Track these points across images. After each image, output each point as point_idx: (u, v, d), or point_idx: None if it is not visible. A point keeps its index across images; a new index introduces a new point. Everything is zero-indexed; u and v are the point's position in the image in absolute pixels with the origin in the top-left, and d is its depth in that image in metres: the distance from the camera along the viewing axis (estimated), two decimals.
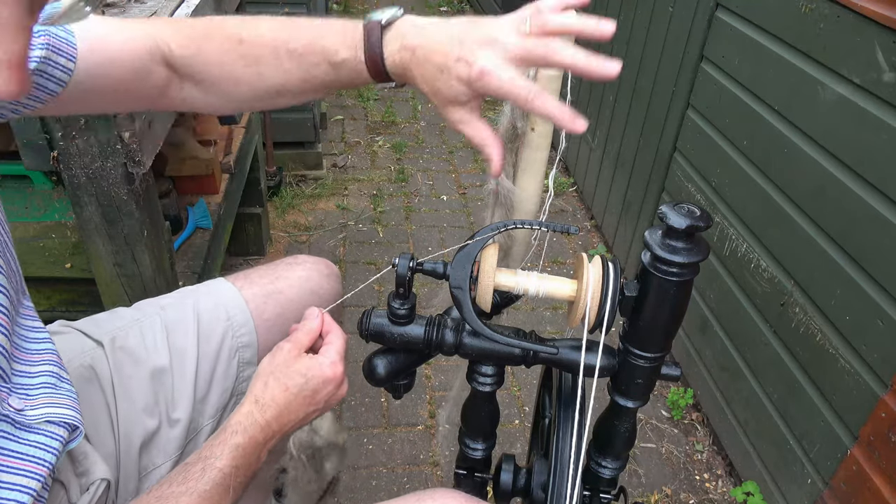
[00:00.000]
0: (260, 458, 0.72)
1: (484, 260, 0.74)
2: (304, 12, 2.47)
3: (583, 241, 2.71)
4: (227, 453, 0.68)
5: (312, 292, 1.04)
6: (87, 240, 1.10)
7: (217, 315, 0.95)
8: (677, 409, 1.96)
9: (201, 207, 1.53)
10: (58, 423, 0.63)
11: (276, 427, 0.72)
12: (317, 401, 0.75)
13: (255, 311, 0.98)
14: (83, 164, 1.00)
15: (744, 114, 1.65)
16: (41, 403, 0.61)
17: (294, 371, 0.74)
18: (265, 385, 0.73)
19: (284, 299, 1.01)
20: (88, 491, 0.74)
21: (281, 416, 0.72)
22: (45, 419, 0.61)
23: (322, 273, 1.07)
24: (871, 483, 1.26)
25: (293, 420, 0.74)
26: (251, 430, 0.70)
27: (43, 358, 0.64)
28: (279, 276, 1.03)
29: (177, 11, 1.16)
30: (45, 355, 0.65)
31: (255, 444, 0.70)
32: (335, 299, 1.06)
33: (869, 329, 1.27)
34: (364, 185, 2.96)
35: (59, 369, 0.65)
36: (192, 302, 0.95)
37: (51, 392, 0.63)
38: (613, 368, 0.79)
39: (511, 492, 0.96)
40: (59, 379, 0.64)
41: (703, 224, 0.68)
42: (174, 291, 0.99)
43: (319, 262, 1.08)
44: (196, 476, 0.67)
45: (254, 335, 0.97)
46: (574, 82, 0.77)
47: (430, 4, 5.44)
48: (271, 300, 1.00)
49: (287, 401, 0.73)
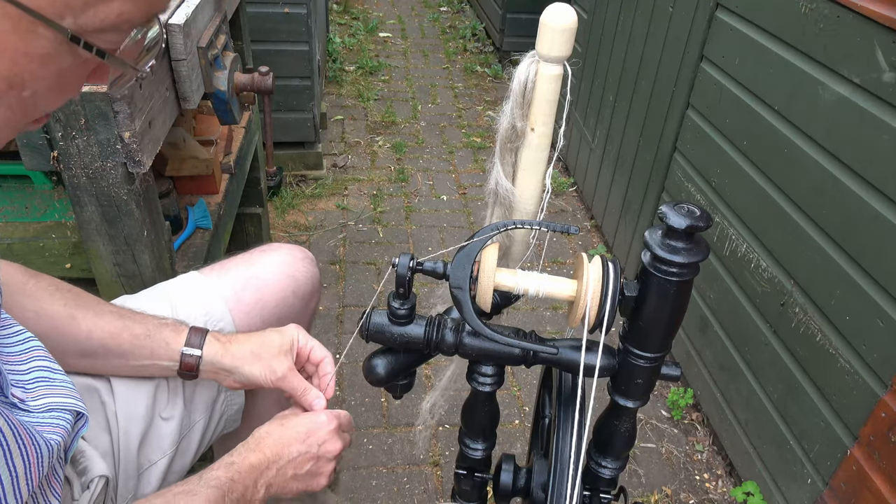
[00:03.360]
0: (257, 485, 0.75)
1: (484, 260, 0.74)
2: (304, 12, 2.47)
3: (583, 241, 2.71)
4: (222, 466, 0.73)
5: (289, 276, 1.05)
6: (87, 240, 1.09)
7: (195, 311, 0.95)
8: (677, 409, 1.96)
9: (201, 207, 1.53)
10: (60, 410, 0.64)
11: (269, 454, 0.77)
12: (309, 443, 0.80)
13: (233, 298, 0.98)
14: (83, 164, 1.00)
15: (744, 114, 1.65)
16: (40, 395, 0.63)
17: (293, 416, 0.84)
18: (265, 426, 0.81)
19: (262, 283, 1.01)
20: (89, 489, 0.75)
21: (274, 446, 0.78)
22: (48, 408, 0.62)
23: (297, 257, 1.08)
24: (871, 483, 1.26)
25: (286, 455, 0.78)
26: (245, 453, 0.76)
27: (31, 356, 0.65)
28: (254, 263, 1.04)
29: (177, 12, 1.16)
30: (32, 353, 0.66)
31: (249, 466, 0.74)
32: (312, 282, 1.09)
33: (869, 329, 1.26)
34: (364, 185, 2.96)
35: (50, 363, 0.66)
36: (168, 300, 0.95)
37: (47, 384, 0.64)
38: (613, 368, 0.79)
39: (511, 492, 0.96)
40: (52, 371, 0.65)
41: (703, 224, 0.68)
42: (147, 290, 1.00)
43: (293, 247, 1.10)
44: (194, 481, 0.71)
45: (232, 327, 0.97)
46: (574, 82, 0.77)
47: (430, 4, 5.44)
48: (249, 285, 1.00)
49: (281, 433, 0.79)
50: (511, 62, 4.18)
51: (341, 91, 3.79)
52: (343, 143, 3.27)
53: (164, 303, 0.94)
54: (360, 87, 3.83)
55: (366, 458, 1.75)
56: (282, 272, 1.04)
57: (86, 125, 0.97)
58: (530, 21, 4.02)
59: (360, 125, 3.46)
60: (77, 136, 0.97)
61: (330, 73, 3.89)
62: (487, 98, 3.89)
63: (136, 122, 0.99)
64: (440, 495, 1.68)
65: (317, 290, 1.11)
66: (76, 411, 0.65)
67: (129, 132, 0.98)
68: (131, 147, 1.00)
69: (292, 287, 1.04)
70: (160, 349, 0.84)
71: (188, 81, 1.18)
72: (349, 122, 3.48)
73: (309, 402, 0.86)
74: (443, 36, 4.78)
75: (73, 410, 0.64)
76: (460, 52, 4.50)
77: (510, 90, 0.79)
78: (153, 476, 0.88)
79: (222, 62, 1.34)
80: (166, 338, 0.84)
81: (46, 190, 1.32)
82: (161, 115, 1.12)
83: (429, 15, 5.18)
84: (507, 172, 0.85)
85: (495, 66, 4.23)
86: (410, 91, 3.89)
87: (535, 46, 0.74)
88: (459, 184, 3.03)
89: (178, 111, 1.21)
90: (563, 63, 0.75)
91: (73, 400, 0.65)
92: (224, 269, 1.02)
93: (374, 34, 4.69)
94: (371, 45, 4.50)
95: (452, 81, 4.06)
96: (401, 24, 4.97)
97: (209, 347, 0.85)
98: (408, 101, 3.76)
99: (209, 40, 1.26)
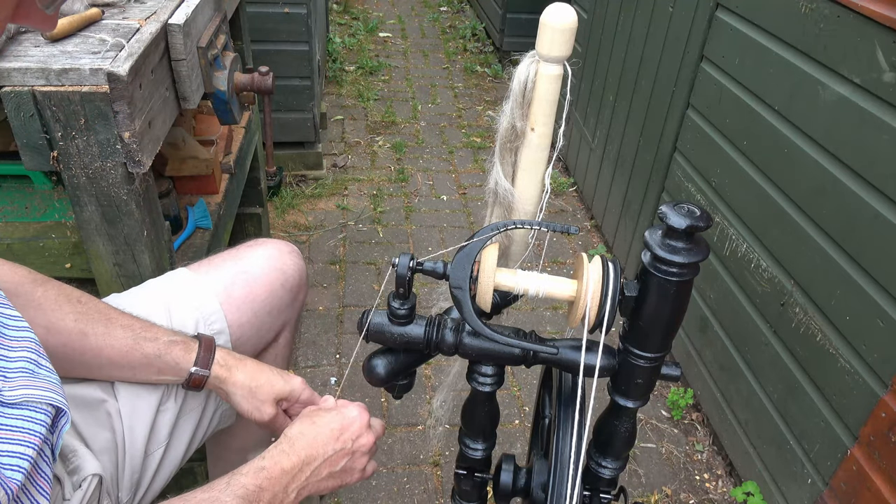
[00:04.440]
0: (287, 490, 0.74)
1: (484, 260, 0.74)
2: (304, 12, 2.47)
3: (583, 241, 2.71)
4: (251, 472, 0.72)
5: (277, 269, 1.05)
6: (87, 240, 1.09)
7: (188, 309, 0.95)
8: (677, 409, 1.96)
9: (201, 207, 1.53)
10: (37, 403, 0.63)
11: (303, 456, 0.76)
12: (344, 439, 0.79)
13: (224, 293, 0.99)
14: (83, 164, 1.00)
15: (744, 114, 1.65)
16: (20, 385, 0.62)
17: (322, 411, 0.81)
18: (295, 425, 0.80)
19: (251, 278, 1.02)
20: (81, 488, 0.75)
21: (308, 448, 0.77)
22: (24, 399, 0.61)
23: (283, 251, 1.08)
24: (871, 483, 1.26)
25: (321, 455, 0.77)
26: (277, 457, 0.75)
27: (22, 345, 0.65)
28: (242, 258, 1.04)
29: (177, 12, 1.16)
30: (23, 342, 0.65)
31: (280, 471, 0.73)
32: (300, 275, 1.09)
33: (869, 329, 1.26)
34: (364, 185, 2.96)
35: (38, 357, 0.65)
36: (162, 300, 0.95)
37: (28, 376, 0.63)
38: (613, 368, 0.79)
39: (511, 492, 0.96)
40: (38, 365, 0.65)
41: (703, 224, 0.68)
42: (138, 287, 1.00)
43: (279, 242, 1.10)
44: (220, 487, 0.70)
45: (224, 322, 0.97)
46: (574, 82, 0.77)
47: (430, 4, 5.44)
48: (238, 280, 1.01)
49: (314, 433, 0.78)
50: (511, 62, 4.18)
51: (341, 91, 3.79)
52: (343, 143, 3.27)
53: (157, 302, 0.94)
54: (360, 87, 3.83)
55: None
56: (270, 266, 1.04)
57: (85, 125, 0.97)
58: (530, 21, 4.02)
59: (360, 125, 3.46)
60: (77, 136, 0.97)
61: (330, 73, 3.89)
62: (487, 98, 3.89)
63: (135, 122, 0.99)
64: (440, 495, 1.68)
65: (304, 283, 1.12)
66: (56, 407, 0.64)
67: (129, 132, 0.98)
68: (131, 147, 1.00)
69: (281, 280, 1.05)
70: (169, 368, 0.85)
71: (188, 81, 1.18)
72: (349, 122, 3.48)
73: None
74: (443, 36, 4.78)
75: (52, 405, 0.63)
76: (460, 52, 4.50)
77: (510, 90, 0.79)
78: (150, 466, 0.89)
79: (222, 62, 1.34)
80: (176, 357, 0.85)
81: (46, 190, 1.32)
82: (161, 115, 1.12)
83: (429, 15, 5.18)
84: (506, 172, 0.85)
85: (495, 66, 4.23)
86: (410, 91, 3.89)
87: (535, 46, 0.74)
88: (459, 184, 3.03)
89: (178, 111, 1.21)
90: (563, 63, 0.75)
91: (52, 394, 0.64)
92: (213, 266, 1.03)
93: (374, 34, 4.69)
94: (371, 45, 4.50)
95: (452, 81, 4.06)
96: (401, 24, 4.97)
97: (216, 369, 0.86)
98: (408, 101, 3.76)
99: (209, 40, 1.26)
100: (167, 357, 0.84)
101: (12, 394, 0.61)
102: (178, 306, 0.95)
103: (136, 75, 0.97)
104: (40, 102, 0.95)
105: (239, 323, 0.99)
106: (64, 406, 0.65)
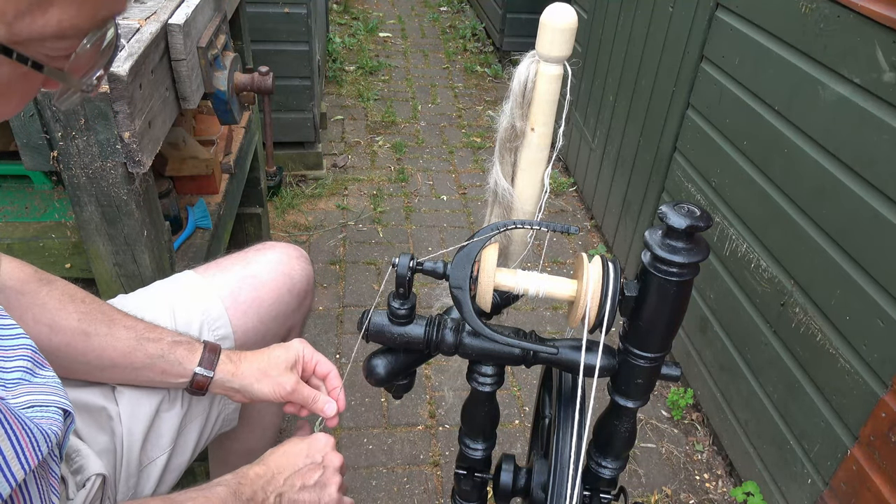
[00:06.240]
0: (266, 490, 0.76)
1: (484, 260, 0.74)
2: (304, 12, 2.47)
3: (583, 241, 2.71)
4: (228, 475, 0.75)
5: (285, 274, 1.05)
6: (87, 240, 1.09)
7: (193, 312, 0.95)
8: (677, 409, 1.96)
9: (201, 207, 1.53)
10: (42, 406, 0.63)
11: (272, 465, 0.78)
12: (312, 454, 0.81)
13: (230, 297, 0.99)
14: (83, 164, 1.00)
15: (744, 114, 1.65)
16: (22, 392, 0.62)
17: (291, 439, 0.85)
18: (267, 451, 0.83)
19: (258, 282, 1.02)
20: (85, 487, 0.75)
21: (278, 460, 0.80)
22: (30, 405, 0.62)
23: (292, 256, 1.08)
24: (871, 483, 1.26)
25: (291, 466, 0.79)
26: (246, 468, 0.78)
27: (17, 353, 0.65)
28: (250, 262, 1.04)
29: (177, 12, 1.16)
30: (19, 350, 0.65)
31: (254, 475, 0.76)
32: (307, 280, 1.09)
33: (869, 329, 1.26)
34: (364, 185, 2.96)
35: (34, 364, 0.65)
36: (167, 302, 0.95)
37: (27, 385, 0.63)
38: (613, 368, 0.79)
39: (511, 492, 0.96)
40: (33, 374, 0.65)
41: (703, 224, 0.68)
42: (144, 289, 1.00)
43: (288, 246, 1.10)
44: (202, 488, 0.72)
45: (229, 327, 0.97)
46: (574, 82, 0.77)
47: (430, 4, 5.44)
48: (246, 284, 1.01)
49: (283, 451, 0.81)
50: (511, 62, 4.19)
51: (341, 91, 3.79)
52: (343, 143, 3.27)
53: (162, 305, 0.94)
54: (360, 87, 3.83)
55: (366, 458, 1.75)
56: (278, 271, 1.04)
57: (86, 125, 0.97)
58: (530, 21, 4.02)
59: (360, 125, 3.46)
60: (77, 136, 0.97)
61: (330, 73, 3.89)
62: (487, 98, 3.89)
63: (135, 122, 0.99)
64: (440, 495, 1.68)
65: (311, 288, 1.11)
66: (63, 409, 0.64)
67: (129, 132, 0.98)
68: (131, 147, 1.00)
69: (288, 285, 1.04)
70: (172, 368, 0.85)
71: (188, 81, 1.18)
72: (349, 122, 3.48)
73: (321, 409, 0.88)
74: (443, 36, 4.78)
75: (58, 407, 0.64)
76: (460, 52, 4.50)
77: (510, 90, 0.79)
78: (153, 473, 0.89)
79: (222, 62, 1.34)
80: (180, 358, 0.85)
81: (46, 190, 1.32)
82: (161, 115, 1.12)
83: (429, 15, 5.18)
84: (506, 172, 0.85)
85: (495, 66, 4.23)
86: (410, 91, 3.89)
87: (535, 46, 0.75)
88: (459, 184, 3.03)
89: (178, 111, 1.21)
90: (563, 63, 0.75)
91: (57, 397, 0.64)
92: (220, 269, 1.02)
93: (374, 34, 4.69)
94: (371, 45, 4.50)
95: (452, 81, 4.06)
96: (401, 24, 4.97)
97: (221, 367, 0.86)
98: (408, 101, 3.76)
99: (209, 40, 1.26)
100: (170, 357, 0.84)
101: (17, 400, 0.61)
102: (183, 309, 0.94)
103: (136, 75, 0.97)
104: (40, 102, 0.95)
105: (244, 328, 0.99)
106: (68, 407, 0.65)
